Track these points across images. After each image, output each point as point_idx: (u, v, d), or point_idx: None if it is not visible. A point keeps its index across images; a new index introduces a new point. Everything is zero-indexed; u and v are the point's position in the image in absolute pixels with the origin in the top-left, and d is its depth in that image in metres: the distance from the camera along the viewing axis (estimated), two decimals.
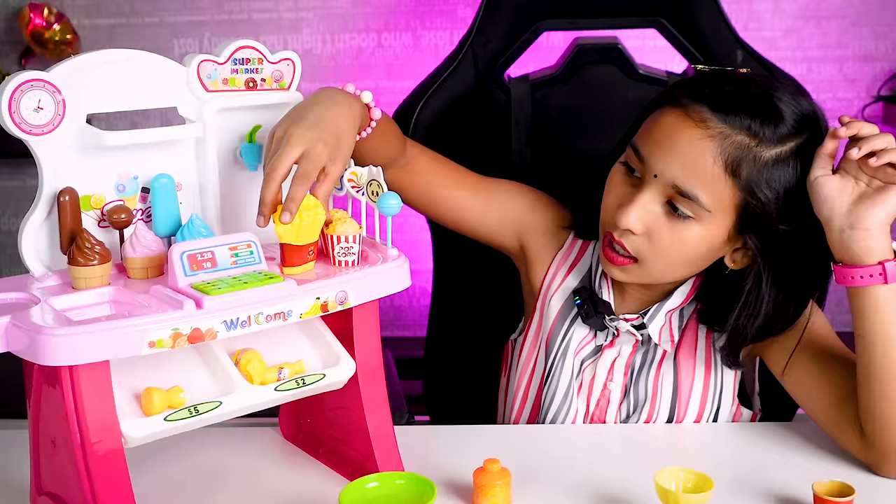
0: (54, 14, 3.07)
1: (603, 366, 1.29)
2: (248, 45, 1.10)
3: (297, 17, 3.11)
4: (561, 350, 1.31)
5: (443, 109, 1.52)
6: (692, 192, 1.11)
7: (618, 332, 1.28)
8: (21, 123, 0.96)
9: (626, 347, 1.28)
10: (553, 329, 1.31)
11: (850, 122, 1.07)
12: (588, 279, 1.30)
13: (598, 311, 1.27)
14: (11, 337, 0.91)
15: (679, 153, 1.12)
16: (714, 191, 1.11)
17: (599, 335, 1.30)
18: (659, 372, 1.27)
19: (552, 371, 1.31)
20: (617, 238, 1.17)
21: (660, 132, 1.14)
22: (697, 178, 1.11)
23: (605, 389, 1.29)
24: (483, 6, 1.54)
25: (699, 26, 1.52)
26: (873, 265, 1.06)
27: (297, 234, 1.02)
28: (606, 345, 1.29)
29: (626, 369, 1.28)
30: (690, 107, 1.13)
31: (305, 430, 1.24)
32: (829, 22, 3.03)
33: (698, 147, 1.11)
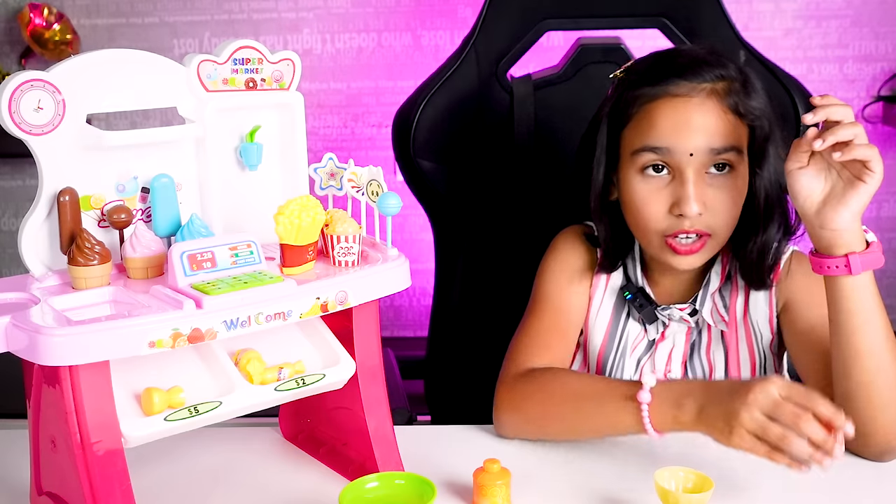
0: (54, 14, 3.07)
1: (660, 359, 1.32)
2: (248, 45, 1.10)
3: (296, 17, 3.11)
4: (619, 354, 1.33)
5: (445, 109, 1.52)
6: (728, 144, 1.19)
7: (668, 323, 1.30)
8: (21, 123, 0.96)
9: (679, 337, 1.31)
10: (609, 331, 1.33)
11: (820, 105, 1.07)
12: (627, 278, 1.33)
13: (650, 302, 1.30)
14: (11, 337, 0.91)
15: (699, 122, 1.18)
16: (735, 134, 1.20)
17: (650, 330, 1.32)
18: (709, 351, 1.31)
19: (614, 371, 1.34)
20: (688, 228, 1.19)
21: (668, 122, 1.19)
22: (722, 132, 1.19)
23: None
24: (486, 6, 1.54)
25: (701, 26, 1.52)
26: (839, 257, 1.10)
27: (296, 234, 1.02)
28: (658, 339, 1.32)
29: (684, 356, 1.32)
30: (669, 88, 1.20)
31: (305, 430, 1.24)
32: (829, 22, 3.03)
33: (705, 110, 1.18)
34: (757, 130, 1.21)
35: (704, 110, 1.18)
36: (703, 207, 1.19)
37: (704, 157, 1.18)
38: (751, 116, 1.21)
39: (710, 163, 1.19)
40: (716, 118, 1.18)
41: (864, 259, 1.10)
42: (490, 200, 1.56)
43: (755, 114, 1.21)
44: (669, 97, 1.19)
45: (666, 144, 1.19)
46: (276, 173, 1.16)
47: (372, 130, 3.15)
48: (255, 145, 1.13)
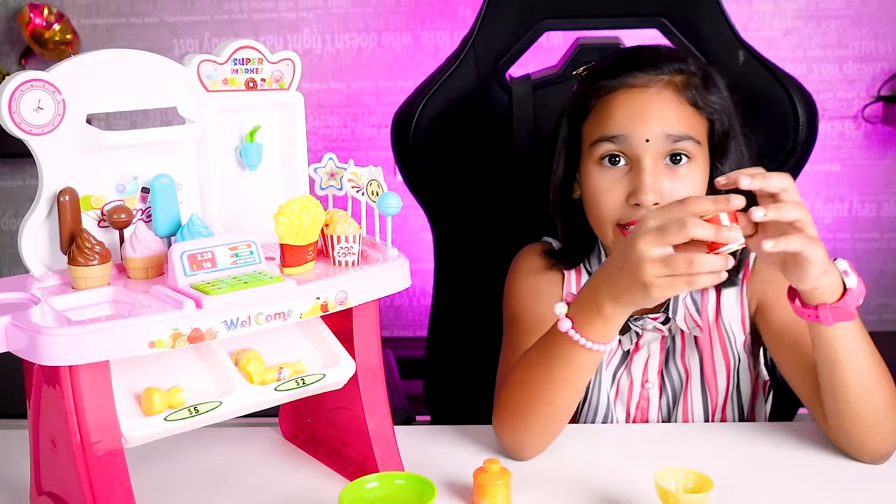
0: (54, 14, 3.07)
1: (637, 370, 1.31)
2: (248, 45, 1.10)
3: (296, 17, 3.11)
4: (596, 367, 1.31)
5: (444, 109, 1.52)
6: (684, 132, 1.20)
7: (641, 333, 1.29)
8: (21, 123, 0.96)
9: (653, 346, 1.31)
10: None
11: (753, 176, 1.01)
12: None
13: None
14: (11, 337, 0.91)
15: (655, 110, 1.20)
16: (691, 124, 1.21)
17: (624, 341, 1.31)
18: (684, 357, 1.31)
19: (590, 389, 1.32)
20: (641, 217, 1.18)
21: (625, 111, 1.21)
22: (678, 120, 1.20)
23: (643, 391, 1.31)
24: (485, 6, 1.54)
25: (700, 26, 1.52)
26: (811, 308, 1.06)
27: (296, 234, 1.02)
28: (633, 349, 1.31)
29: (660, 366, 1.31)
30: (627, 80, 1.22)
31: (305, 430, 1.24)
32: (829, 22, 3.03)
33: (662, 100, 1.21)
34: (716, 125, 1.23)
35: (661, 99, 1.21)
36: (660, 197, 1.18)
37: (661, 145, 1.19)
38: (709, 110, 1.23)
39: (666, 151, 1.19)
40: (672, 107, 1.20)
41: (836, 312, 1.04)
42: (489, 200, 1.56)
43: (714, 107, 1.23)
44: (627, 88, 1.22)
45: (622, 132, 1.20)
46: (276, 173, 1.16)
47: (372, 130, 3.15)
48: (255, 145, 1.13)
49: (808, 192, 3.13)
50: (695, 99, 1.22)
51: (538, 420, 1.16)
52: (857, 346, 1.09)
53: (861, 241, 3.18)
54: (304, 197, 1.04)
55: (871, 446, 1.13)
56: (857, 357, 1.09)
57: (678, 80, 1.22)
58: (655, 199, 1.17)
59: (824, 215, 3.16)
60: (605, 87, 1.23)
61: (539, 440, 1.18)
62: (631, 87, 1.22)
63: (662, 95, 1.21)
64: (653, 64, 1.23)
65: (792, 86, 1.49)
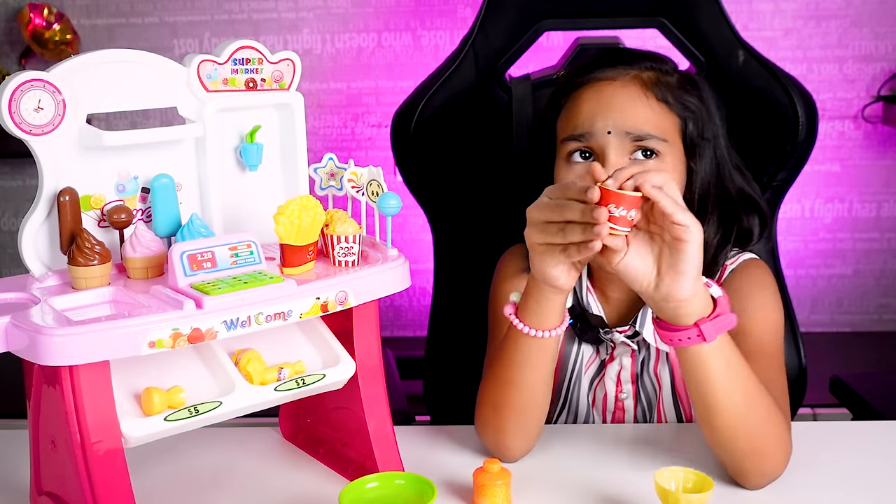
0: (54, 14, 3.07)
1: (610, 381, 1.31)
2: (248, 46, 1.10)
3: (296, 17, 3.11)
4: (575, 374, 1.32)
5: (444, 109, 1.52)
6: (645, 131, 1.18)
7: (615, 344, 1.29)
8: (21, 123, 0.96)
9: (625, 359, 1.30)
10: (562, 354, 1.32)
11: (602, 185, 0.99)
12: (575, 299, 1.31)
13: (591, 326, 1.28)
14: (11, 337, 0.91)
15: (618, 105, 1.20)
16: (659, 121, 1.20)
17: (601, 350, 1.31)
18: (656, 369, 1.29)
19: (569, 395, 1.33)
20: None
21: (590, 104, 1.21)
22: (642, 116, 1.19)
23: (617, 402, 1.31)
24: (484, 6, 1.54)
25: (700, 26, 1.52)
26: (690, 327, 1.01)
27: (296, 234, 1.02)
28: (608, 360, 1.31)
29: (633, 378, 1.30)
30: (596, 74, 1.23)
31: (305, 431, 1.24)
32: (829, 22, 3.03)
33: (628, 93, 1.20)
34: (689, 124, 1.22)
35: (625, 91, 1.20)
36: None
37: (623, 140, 1.18)
38: (678, 107, 1.21)
39: (631, 148, 1.18)
40: (636, 100, 1.19)
41: (716, 324, 1.01)
42: (489, 200, 1.56)
43: (686, 106, 1.22)
44: (594, 82, 1.22)
45: (587, 129, 1.20)
46: (277, 173, 1.16)
47: (372, 130, 3.15)
48: (256, 145, 1.13)
49: (809, 192, 3.13)
50: (665, 95, 1.21)
51: (509, 417, 1.15)
52: (730, 369, 1.05)
53: (861, 241, 3.18)
54: (304, 197, 1.04)
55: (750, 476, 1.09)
56: (731, 382, 1.05)
57: (646, 76, 1.22)
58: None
59: (824, 215, 3.17)
60: (575, 84, 1.24)
61: (516, 439, 1.17)
62: (598, 80, 1.22)
63: (627, 88, 1.20)
64: (625, 61, 1.23)
65: (791, 85, 1.49)
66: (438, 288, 1.60)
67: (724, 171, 1.26)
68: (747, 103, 1.49)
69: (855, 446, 1.22)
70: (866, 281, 3.21)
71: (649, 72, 1.22)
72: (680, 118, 1.22)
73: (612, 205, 0.96)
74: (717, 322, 1.01)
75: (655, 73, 1.22)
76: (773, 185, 1.51)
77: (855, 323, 3.23)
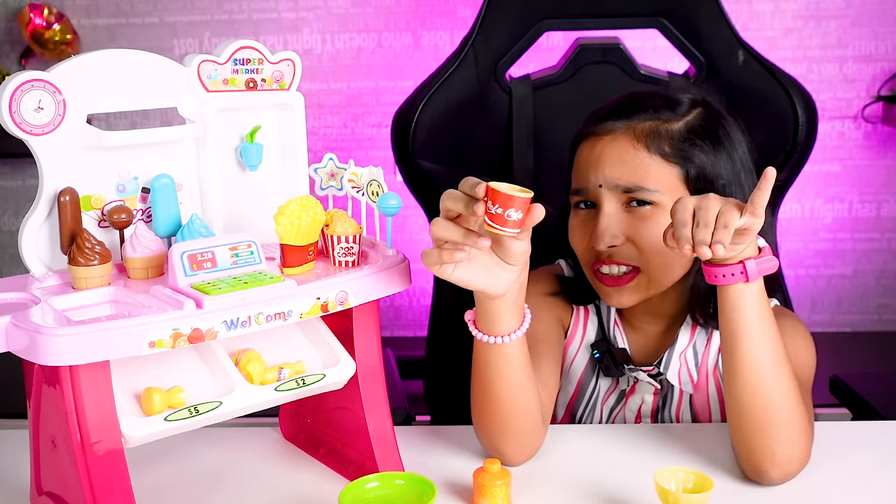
0: (54, 14, 3.07)
1: (630, 412, 1.31)
2: (248, 46, 1.10)
3: (297, 17, 3.11)
4: (591, 403, 1.33)
5: (444, 109, 1.52)
6: (634, 184, 1.19)
7: (637, 379, 1.29)
8: (21, 123, 0.96)
9: (647, 396, 1.31)
10: (581, 382, 1.33)
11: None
12: (602, 331, 1.32)
13: (616, 363, 1.29)
14: (12, 337, 0.91)
15: (606, 159, 1.20)
16: (650, 173, 1.19)
17: (622, 381, 1.31)
18: (679, 411, 1.30)
19: (583, 421, 1.34)
20: (607, 259, 1.20)
21: (585, 158, 1.23)
22: (630, 168, 1.19)
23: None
24: (485, 6, 1.54)
25: (700, 26, 1.52)
26: (735, 264, 1.05)
27: (297, 234, 1.02)
28: (629, 391, 1.31)
29: (653, 414, 1.31)
30: (596, 129, 1.23)
31: (305, 431, 1.24)
32: (829, 22, 3.03)
33: (618, 146, 1.20)
34: (691, 172, 1.19)
35: (614, 146, 1.20)
36: (617, 240, 1.19)
37: (614, 191, 1.20)
38: (677, 158, 1.19)
39: (623, 199, 1.20)
40: (624, 154, 1.19)
41: (759, 264, 1.04)
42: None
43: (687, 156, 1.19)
44: (591, 136, 1.23)
45: (583, 185, 1.23)
46: (277, 173, 1.16)
47: (372, 130, 3.15)
48: (256, 145, 1.13)
49: (809, 193, 3.13)
50: (660, 148, 1.19)
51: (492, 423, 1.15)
52: (761, 325, 1.06)
53: (861, 241, 3.18)
54: (304, 197, 1.04)
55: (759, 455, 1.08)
56: (759, 338, 1.06)
57: (641, 128, 1.20)
58: (611, 241, 1.19)
59: (824, 215, 3.17)
60: (580, 135, 1.26)
61: (509, 445, 1.15)
62: (594, 135, 1.23)
63: (617, 143, 1.20)
64: (628, 112, 1.22)
65: (791, 86, 1.49)
66: (438, 288, 1.60)
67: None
68: (747, 103, 1.49)
69: (854, 446, 1.22)
70: (866, 281, 3.21)
71: (646, 123, 1.20)
72: (680, 168, 1.20)
73: (489, 202, 0.96)
74: (760, 262, 1.04)
75: (653, 122, 1.20)
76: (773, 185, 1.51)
77: (855, 323, 3.23)
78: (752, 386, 1.07)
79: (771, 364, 1.07)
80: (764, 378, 1.07)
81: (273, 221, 1.02)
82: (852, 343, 3.17)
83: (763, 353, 1.07)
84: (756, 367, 1.07)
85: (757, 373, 1.07)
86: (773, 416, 1.07)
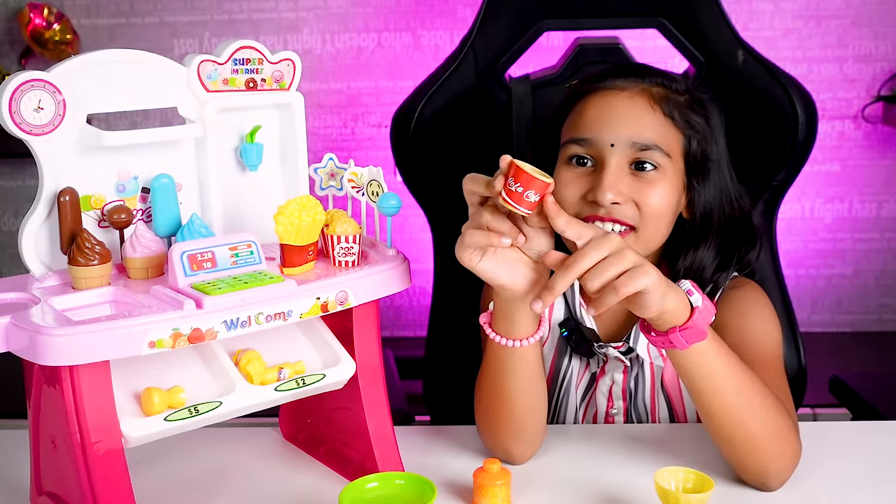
0: (54, 14, 3.07)
1: (602, 395, 1.31)
2: (248, 46, 1.10)
3: (296, 17, 3.11)
4: (564, 386, 1.32)
5: (444, 109, 1.52)
6: (651, 142, 1.18)
7: (606, 358, 1.29)
8: (21, 123, 0.96)
9: (617, 375, 1.30)
10: (554, 365, 1.32)
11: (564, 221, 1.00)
12: (569, 310, 1.31)
13: (585, 340, 1.28)
14: (11, 337, 0.91)
15: (623, 116, 1.19)
16: (663, 135, 1.20)
17: (592, 363, 1.31)
18: (653, 392, 1.29)
19: (559, 406, 1.33)
20: (605, 216, 1.17)
21: (596, 112, 1.21)
22: (647, 128, 1.19)
23: (608, 417, 1.31)
24: (484, 6, 1.54)
25: (700, 26, 1.52)
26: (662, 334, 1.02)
27: (296, 234, 1.02)
28: (598, 374, 1.30)
29: (624, 394, 1.30)
30: (607, 84, 1.23)
31: (305, 431, 1.24)
32: (829, 22, 3.03)
33: (635, 104, 1.20)
34: (692, 142, 1.21)
35: (632, 103, 1.20)
36: (620, 196, 1.17)
37: (626, 151, 1.18)
38: (683, 125, 1.21)
39: (633, 158, 1.18)
40: (643, 113, 1.19)
41: (686, 334, 1.01)
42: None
43: (692, 125, 1.21)
44: (603, 90, 1.22)
45: (590, 135, 1.20)
46: (277, 173, 1.16)
47: (372, 130, 3.15)
48: (256, 145, 1.13)
49: (809, 192, 3.13)
50: (671, 112, 1.20)
51: (502, 424, 1.15)
52: (720, 372, 1.05)
53: (861, 241, 3.18)
54: (304, 197, 1.04)
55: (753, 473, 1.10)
56: (722, 384, 1.05)
57: (656, 91, 1.21)
58: (615, 197, 1.16)
59: (824, 215, 3.16)
60: (585, 91, 1.24)
61: (516, 444, 1.16)
62: (607, 88, 1.22)
63: (635, 100, 1.20)
64: (638, 74, 1.23)
65: (791, 85, 1.49)
66: (438, 288, 1.60)
67: (725, 195, 1.25)
68: (747, 103, 1.49)
69: (854, 446, 1.22)
70: (866, 281, 3.21)
71: (659, 87, 1.22)
72: (684, 136, 1.21)
73: (511, 178, 0.97)
74: (686, 332, 1.01)
75: (665, 89, 1.22)
76: (772, 185, 1.51)
77: (855, 323, 3.23)
78: (729, 424, 1.07)
79: (740, 400, 1.06)
80: (736, 415, 1.07)
81: (273, 221, 1.02)
82: (852, 343, 3.17)
83: (731, 393, 1.06)
84: (727, 409, 1.06)
85: (729, 414, 1.07)
86: (757, 443, 1.07)
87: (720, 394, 1.06)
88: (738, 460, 1.10)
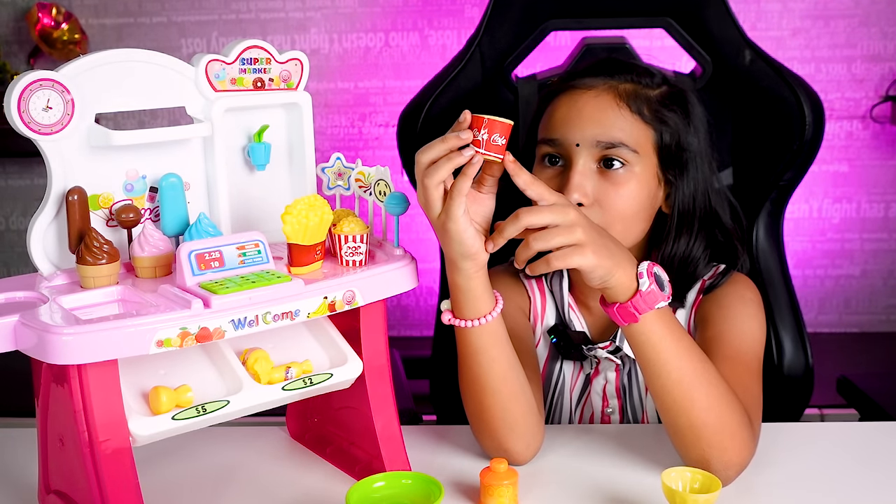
0: (62, 14, 3.08)
1: (596, 395, 1.31)
2: (256, 45, 1.10)
3: (304, 17, 3.11)
4: (558, 390, 1.32)
5: (450, 108, 1.52)
6: (616, 139, 1.19)
7: (599, 359, 1.29)
8: (30, 123, 0.97)
9: (610, 373, 1.30)
10: (546, 370, 1.32)
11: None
12: (558, 316, 1.31)
13: (574, 344, 1.28)
14: (20, 335, 0.91)
15: (588, 115, 1.20)
16: (630, 133, 1.19)
17: (585, 365, 1.31)
18: (646, 387, 1.29)
19: (553, 409, 1.33)
20: None
21: (563, 111, 1.22)
22: (613, 126, 1.19)
23: (603, 417, 1.32)
24: (491, 6, 1.54)
25: (707, 26, 1.52)
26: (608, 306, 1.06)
27: (304, 233, 1.02)
28: (592, 374, 1.31)
29: (618, 392, 1.30)
30: (575, 83, 1.24)
31: (312, 430, 1.24)
32: (837, 22, 3.02)
33: (601, 102, 1.20)
34: (664, 137, 1.22)
35: (597, 102, 1.20)
36: (585, 197, 1.18)
37: (592, 150, 1.19)
38: (653, 120, 1.21)
39: (599, 156, 1.19)
40: (608, 111, 1.19)
41: (621, 312, 1.05)
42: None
43: (663, 120, 1.21)
44: (571, 90, 1.23)
45: (557, 135, 1.21)
46: (284, 173, 1.16)
47: (379, 130, 3.15)
48: (263, 145, 1.13)
49: (816, 192, 3.13)
50: (640, 108, 1.20)
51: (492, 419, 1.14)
52: (664, 355, 1.07)
53: (869, 241, 3.18)
54: (311, 196, 1.04)
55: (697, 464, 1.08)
56: (664, 367, 1.07)
57: (623, 88, 1.21)
58: (580, 198, 1.17)
59: (832, 215, 3.16)
60: (556, 90, 1.25)
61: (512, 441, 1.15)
62: (574, 88, 1.23)
63: (600, 99, 1.20)
64: (606, 70, 1.23)
65: (798, 85, 1.49)
66: (445, 287, 1.60)
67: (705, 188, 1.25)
68: (754, 103, 1.49)
69: (862, 446, 1.21)
70: (874, 281, 3.21)
71: (627, 84, 1.22)
72: (655, 131, 1.21)
73: (475, 129, 1.00)
74: (621, 310, 1.05)
75: (634, 85, 1.22)
76: (779, 185, 1.51)
77: (863, 323, 3.22)
78: (672, 410, 1.09)
79: (683, 388, 1.07)
80: (678, 401, 1.08)
81: (280, 221, 1.02)
82: (860, 343, 3.16)
83: (673, 380, 1.07)
84: (668, 393, 1.08)
85: (671, 399, 1.08)
86: (699, 433, 1.08)
87: (662, 377, 1.08)
88: (680, 448, 1.11)
